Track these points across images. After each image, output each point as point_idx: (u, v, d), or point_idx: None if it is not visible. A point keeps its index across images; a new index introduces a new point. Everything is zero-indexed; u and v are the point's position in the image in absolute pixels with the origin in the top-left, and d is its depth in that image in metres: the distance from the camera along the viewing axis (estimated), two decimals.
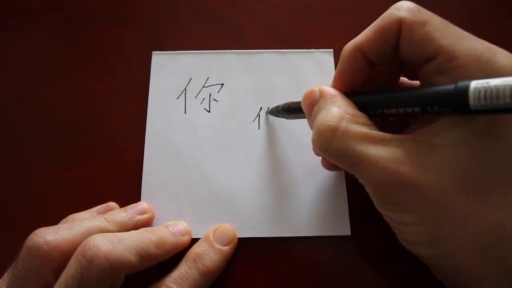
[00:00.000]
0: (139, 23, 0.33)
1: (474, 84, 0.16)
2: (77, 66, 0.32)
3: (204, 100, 0.31)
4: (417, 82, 0.24)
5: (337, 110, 0.20)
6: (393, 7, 0.20)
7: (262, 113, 0.30)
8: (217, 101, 0.31)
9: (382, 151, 0.19)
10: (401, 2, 0.21)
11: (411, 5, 0.20)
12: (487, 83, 0.15)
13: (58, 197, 0.28)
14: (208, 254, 0.25)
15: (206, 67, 0.31)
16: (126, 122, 0.30)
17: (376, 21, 0.21)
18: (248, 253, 0.27)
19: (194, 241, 0.26)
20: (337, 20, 0.33)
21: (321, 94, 0.22)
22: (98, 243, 0.20)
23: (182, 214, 0.27)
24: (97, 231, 0.23)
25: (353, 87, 0.22)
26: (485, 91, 0.15)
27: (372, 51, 0.21)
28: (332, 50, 0.31)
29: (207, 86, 0.31)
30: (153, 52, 0.32)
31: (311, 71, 0.31)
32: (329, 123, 0.20)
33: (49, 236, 0.21)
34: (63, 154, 0.29)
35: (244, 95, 0.31)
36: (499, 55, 0.18)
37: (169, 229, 0.25)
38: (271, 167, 0.29)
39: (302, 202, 0.28)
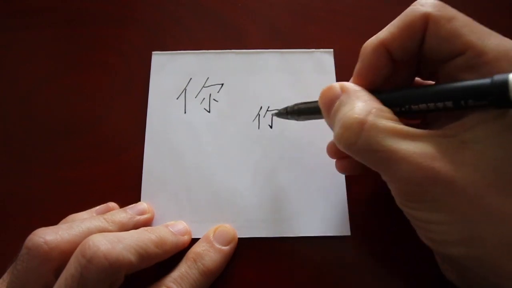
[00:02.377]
0: (139, 23, 0.33)
1: None
2: (77, 66, 0.32)
3: (204, 100, 0.31)
4: (432, 83, 0.24)
5: (363, 104, 0.20)
6: (416, 3, 0.20)
7: (262, 113, 0.30)
8: (217, 101, 0.31)
9: (413, 146, 0.18)
10: None
11: (435, 1, 0.20)
12: None
13: (58, 197, 0.28)
14: (208, 254, 0.25)
15: (206, 67, 0.31)
16: (126, 122, 0.30)
17: (400, 16, 0.21)
18: (248, 253, 0.27)
19: (194, 241, 0.26)
20: (337, 20, 0.33)
21: (343, 89, 0.21)
22: (97, 242, 0.20)
23: (182, 214, 0.27)
24: (97, 231, 0.23)
25: (374, 85, 0.22)
26: None
27: (396, 47, 0.21)
28: (332, 50, 0.31)
29: (207, 86, 0.31)
30: (153, 52, 0.32)
31: (311, 71, 0.31)
32: (357, 116, 0.19)
33: (49, 236, 0.21)
34: (63, 154, 0.29)
35: (244, 95, 0.31)
36: None
37: (169, 228, 0.25)
38: (271, 167, 0.28)
39: (302, 202, 0.28)
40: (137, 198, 0.28)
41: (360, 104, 0.20)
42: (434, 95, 0.19)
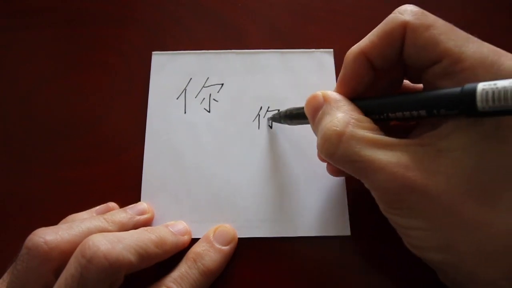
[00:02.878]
0: (139, 23, 0.33)
1: (481, 85, 0.16)
2: (77, 66, 0.32)
3: (204, 100, 0.31)
4: (421, 86, 0.24)
5: (343, 115, 0.20)
6: (396, 11, 0.20)
7: (262, 113, 0.30)
8: (217, 101, 0.31)
9: (389, 155, 0.19)
10: (404, 5, 0.20)
11: (415, 8, 0.20)
12: (495, 84, 0.15)
13: (58, 197, 0.28)
14: (208, 254, 0.25)
15: (206, 67, 0.31)
16: (126, 122, 0.30)
17: (380, 25, 0.21)
18: (248, 253, 0.27)
19: (194, 241, 0.26)
20: (337, 20, 0.33)
21: (325, 99, 0.22)
22: (97, 242, 0.20)
23: (182, 214, 0.27)
24: (97, 231, 0.23)
25: (356, 92, 0.22)
26: (493, 92, 0.15)
27: (376, 56, 0.21)
28: (332, 50, 0.31)
29: (207, 86, 0.31)
30: (153, 52, 0.32)
31: (311, 71, 0.31)
32: (335, 128, 0.20)
33: (49, 236, 0.21)
34: (63, 154, 0.29)
35: (244, 95, 0.31)
36: (504, 57, 0.18)
37: (169, 229, 0.25)
38: (271, 167, 0.28)
39: (302, 202, 0.28)
40: (137, 198, 0.28)
41: (340, 115, 0.20)
42: (409, 104, 0.19)
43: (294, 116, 0.26)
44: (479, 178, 0.18)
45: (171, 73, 0.31)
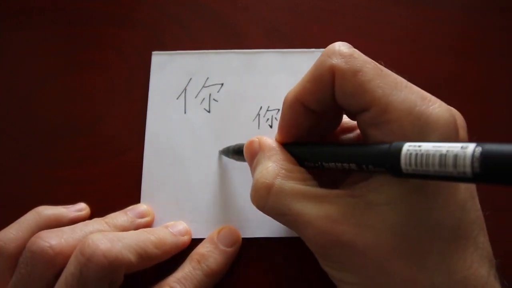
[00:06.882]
0: (139, 23, 0.33)
1: (407, 146, 0.15)
2: (77, 66, 0.32)
3: (204, 100, 0.31)
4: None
5: (273, 166, 0.20)
6: (325, 52, 0.19)
7: (262, 113, 0.30)
8: (217, 101, 0.31)
9: (317, 208, 0.18)
10: (333, 46, 0.19)
11: (345, 49, 0.19)
12: (419, 146, 0.15)
13: (58, 197, 0.28)
14: (213, 255, 0.25)
15: (206, 67, 0.31)
16: (126, 122, 0.30)
17: (310, 69, 0.20)
18: (248, 253, 0.27)
19: (194, 241, 0.26)
20: (337, 20, 0.33)
21: (260, 146, 0.21)
22: (97, 241, 0.20)
23: (182, 214, 0.27)
24: None
25: (298, 136, 0.21)
26: (416, 155, 0.15)
27: (311, 101, 0.20)
28: None
29: (207, 86, 0.31)
30: (153, 52, 0.32)
31: None
32: (264, 180, 0.20)
33: (53, 240, 0.21)
34: (63, 154, 0.29)
35: (244, 95, 0.31)
36: (432, 106, 0.17)
37: (169, 229, 0.25)
38: None
39: None
40: (137, 198, 0.28)
41: (270, 165, 0.20)
42: (340, 156, 0.19)
43: (242, 152, 0.25)
44: (407, 234, 0.17)
45: (171, 73, 0.31)
